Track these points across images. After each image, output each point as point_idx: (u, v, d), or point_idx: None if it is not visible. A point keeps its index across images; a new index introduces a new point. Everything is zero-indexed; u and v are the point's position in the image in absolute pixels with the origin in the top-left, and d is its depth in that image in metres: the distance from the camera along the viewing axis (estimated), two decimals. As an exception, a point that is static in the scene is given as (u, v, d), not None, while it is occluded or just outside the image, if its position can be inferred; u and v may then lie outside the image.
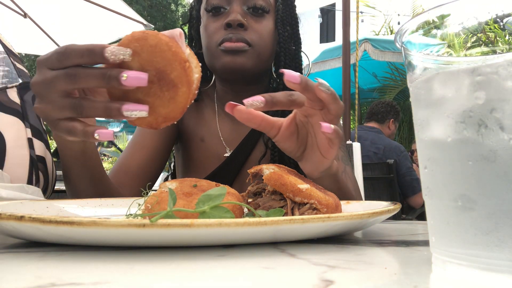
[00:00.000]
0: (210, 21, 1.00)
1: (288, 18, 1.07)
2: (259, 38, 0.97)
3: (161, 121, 0.53)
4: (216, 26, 0.98)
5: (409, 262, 0.38)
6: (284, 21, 1.05)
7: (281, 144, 0.70)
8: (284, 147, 0.70)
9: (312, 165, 0.70)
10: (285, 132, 0.69)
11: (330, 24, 13.89)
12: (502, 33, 0.34)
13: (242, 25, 0.95)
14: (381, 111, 3.37)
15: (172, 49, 0.49)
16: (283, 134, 0.69)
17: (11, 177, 0.76)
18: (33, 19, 3.93)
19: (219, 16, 0.99)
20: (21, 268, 0.34)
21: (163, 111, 0.52)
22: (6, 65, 1.46)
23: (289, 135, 0.69)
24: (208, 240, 0.41)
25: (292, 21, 1.08)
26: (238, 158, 1.05)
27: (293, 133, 0.69)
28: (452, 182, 0.32)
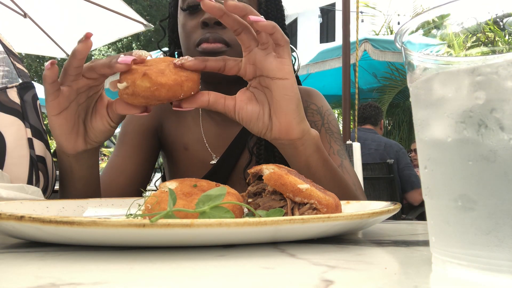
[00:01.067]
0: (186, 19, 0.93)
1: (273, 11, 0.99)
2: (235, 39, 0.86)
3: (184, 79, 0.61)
4: (192, 24, 0.91)
5: (409, 262, 0.38)
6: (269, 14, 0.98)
7: (243, 112, 0.67)
8: (248, 114, 0.67)
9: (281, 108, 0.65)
10: (242, 98, 0.67)
11: (330, 24, 13.89)
12: (501, 33, 0.34)
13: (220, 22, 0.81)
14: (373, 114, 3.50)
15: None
16: (241, 101, 0.67)
17: (11, 177, 0.76)
18: (33, 19, 3.93)
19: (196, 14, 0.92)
20: (21, 268, 0.34)
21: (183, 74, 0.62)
22: (6, 65, 1.47)
23: (247, 100, 0.67)
24: (208, 240, 0.41)
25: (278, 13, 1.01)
26: (226, 165, 0.99)
27: (250, 98, 0.67)
28: (452, 182, 0.32)
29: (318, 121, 1.01)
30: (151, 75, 0.58)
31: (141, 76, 0.58)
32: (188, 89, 0.61)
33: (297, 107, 0.66)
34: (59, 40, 4.34)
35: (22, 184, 0.66)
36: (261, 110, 0.67)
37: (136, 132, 1.02)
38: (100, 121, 0.69)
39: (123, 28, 4.31)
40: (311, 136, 0.70)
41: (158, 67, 0.60)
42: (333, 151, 0.97)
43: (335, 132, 1.01)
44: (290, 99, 0.65)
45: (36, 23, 4.00)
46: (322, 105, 1.04)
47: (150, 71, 0.59)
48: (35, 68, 16.47)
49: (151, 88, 0.58)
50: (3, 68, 1.99)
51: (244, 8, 0.61)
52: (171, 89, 0.59)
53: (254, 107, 0.67)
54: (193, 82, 0.62)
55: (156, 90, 0.58)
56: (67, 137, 0.68)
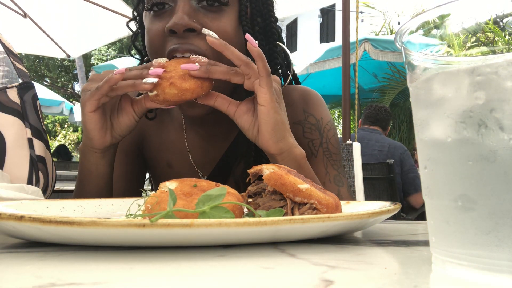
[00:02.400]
0: (152, 22, 0.80)
1: (259, 7, 0.87)
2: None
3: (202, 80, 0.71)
4: (159, 29, 0.78)
5: (409, 262, 0.38)
6: (254, 11, 0.86)
7: (239, 120, 0.75)
8: (242, 121, 0.74)
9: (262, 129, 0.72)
10: (243, 107, 0.75)
11: (330, 24, 13.89)
12: (501, 33, 0.34)
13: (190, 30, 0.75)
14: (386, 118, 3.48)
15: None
16: (241, 109, 0.74)
17: (11, 177, 0.76)
18: (33, 19, 3.93)
19: (163, 16, 0.78)
20: (21, 268, 0.34)
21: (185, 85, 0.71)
22: (6, 65, 1.46)
23: (246, 110, 0.74)
24: (208, 240, 0.41)
25: (264, 9, 0.89)
26: None
27: (250, 109, 0.75)
28: (452, 182, 0.32)
29: (317, 139, 0.93)
30: (177, 83, 0.70)
31: (169, 85, 0.70)
32: (207, 88, 0.72)
33: (273, 130, 0.72)
34: (59, 40, 4.34)
35: (22, 184, 0.66)
36: (253, 122, 0.74)
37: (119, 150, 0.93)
38: (126, 117, 0.77)
39: (123, 28, 4.30)
40: (291, 154, 0.75)
41: (179, 72, 0.71)
42: (329, 178, 0.91)
43: (333, 153, 0.94)
44: (266, 123, 0.71)
45: (36, 23, 4.00)
46: (322, 116, 0.95)
47: (175, 80, 0.70)
48: (35, 68, 16.48)
49: (178, 94, 0.70)
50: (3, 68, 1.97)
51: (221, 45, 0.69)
52: (194, 91, 0.71)
53: (248, 118, 0.74)
54: (209, 81, 0.73)
55: (183, 95, 0.70)
56: (99, 132, 0.75)
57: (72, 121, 9.44)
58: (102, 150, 0.77)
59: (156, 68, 0.71)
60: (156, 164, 0.98)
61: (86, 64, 13.38)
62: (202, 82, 0.71)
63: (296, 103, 0.95)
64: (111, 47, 16.49)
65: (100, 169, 0.79)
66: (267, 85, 0.70)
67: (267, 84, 0.70)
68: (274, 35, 0.89)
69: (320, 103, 0.98)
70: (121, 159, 0.96)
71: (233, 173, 0.93)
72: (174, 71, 0.71)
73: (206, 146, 0.95)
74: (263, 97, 0.70)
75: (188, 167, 0.95)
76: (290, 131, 0.76)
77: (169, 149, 0.96)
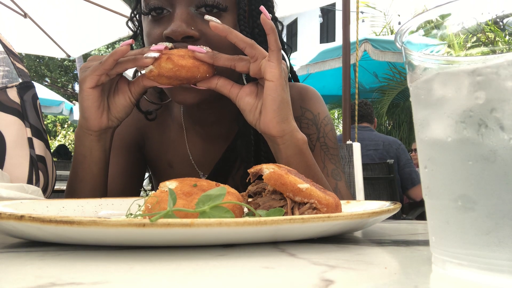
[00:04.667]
0: (151, 26, 0.80)
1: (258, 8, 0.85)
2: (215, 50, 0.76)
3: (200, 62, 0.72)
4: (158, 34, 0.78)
5: (409, 262, 0.38)
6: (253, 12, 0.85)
7: (241, 102, 0.74)
8: (244, 103, 0.74)
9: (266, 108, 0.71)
10: (246, 89, 0.74)
11: (330, 24, 13.89)
12: (502, 33, 0.34)
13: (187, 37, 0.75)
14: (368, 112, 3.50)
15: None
16: (243, 91, 0.74)
17: (11, 177, 0.76)
18: (33, 19, 3.93)
19: (162, 21, 0.78)
20: (21, 268, 0.34)
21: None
22: (6, 65, 1.47)
23: (249, 92, 0.74)
24: (208, 240, 0.41)
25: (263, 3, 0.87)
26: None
27: (252, 91, 0.74)
28: (452, 182, 0.32)
29: (313, 134, 0.94)
30: (173, 59, 0.70)
31: (166, 59, 0.70)
32: (203, 71, 0.72)
33: (278, 108, 0.71)
34: (59, 40, 4.34)
35: (22, 184, 0.66)
36: (255, 104, 0.74)
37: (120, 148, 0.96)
38: (122, 97, 0.77)
39: (123, 28, 4.31)
40: (293, 137, 0.74)
41: (179, 53, 0.72)
42: (327, 172, 0.91)
43: (331, 148, 0.94)
44: (272, 100, 0.71)
45: (36, 23, 4.00)
46: (319, 111, 0.96)
47: (172, 56, 0.71)
48: (35, 68, 16.47)
49: (173, 69, 0.70)
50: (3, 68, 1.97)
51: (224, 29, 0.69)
52: (190, 70, 0.71)
53: (251, 99, 0.74)
54: (208, 66, 0.73)
55: (178, 71, 0.70)
56: (96, 111, 0.75)
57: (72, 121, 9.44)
58: (98, 133, 0.76)
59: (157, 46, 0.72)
60: (157, 164, 0.98)
61: (86, 64, 13.33)
62: (200, 64, 0.72)
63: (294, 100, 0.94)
64: (111, 47, 16.49)
65: (94, 153, 0.78)
66: (277, 60, 0.69)
67: (277, 59, 0.69)
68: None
69: (317, 99, 0.98)
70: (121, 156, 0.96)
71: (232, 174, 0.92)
72: (176, 51, 0.73)
73: (206, 146, 0.95)
74: (273, 71, 0.69)
75: (188, 167, 0.95)
76: (292, 115, 0.75)
77: (169, 150, 0.96)
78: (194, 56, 0.71)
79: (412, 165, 3.26)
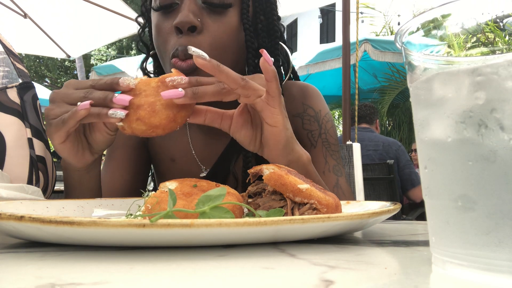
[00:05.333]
0: (160, 20, 0.82)
1: (262, 5, 0.89)
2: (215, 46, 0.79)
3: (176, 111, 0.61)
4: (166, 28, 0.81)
5: (409, 262, 0.38)
6: (257, 9, 0.88)
7: (237, 135, 0.68)
8: (241, 137, 0.68)
9: (271, 146, 0.66)
10: (238, 120, 0.67)
11: (330, 24, 13.90)
12: (501, 33, 0.34)
13: (195, 28, 0.78)
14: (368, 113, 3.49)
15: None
16: (236, 123, 0.67)
17: (11, 177, 0.76)
18: (33, 19, 3.94)
19: (170, 14, 0.81)
20: (21, 268, 0.34)
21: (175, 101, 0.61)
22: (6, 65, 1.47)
23: (242, 123, 0.68)
24: (208, 240, 0.41)
25: (267, 8, 0.90)
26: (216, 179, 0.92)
27: (246, 121, 0.68)
28: (452, 182, 0.32)
29: (315, 130, 0.95)
30: (144, 118, 0.59)
31: (136, 120, 0.59)
32: (182, 120, 0.62)
33: (284, 147, 0.67)
34: (59, 40, 4.34)
35: (22, 184, 0.66)
36: (254, 135, 0.68)
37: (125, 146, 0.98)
38: (99, 134, 0.70)
39: (123, 28, 4.31)
40: (300, 162, 0.71)
41: (149, 100, 0.60)
42: (329, 167, 0.92)
43: (332, 144, 0.96)
44: (277, 142, 0.66)
45: (36, 23, 4.00)
46: (320, 109, 0.98)
47: (142, 113, 0.59)
48: (35, 68, 16.48)
49: (147, 130, 0.60)
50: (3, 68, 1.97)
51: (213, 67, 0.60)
52: (166, 127, 0.60)
53: (247, 132, 0.68)
54: (186, 110, 0.62)
55: (153, 132, 0.60)
56: (76, 155, 0.69)
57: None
58: (84, 168, 0.73)
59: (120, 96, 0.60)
60: (160, 159, 0.99)
61: (86, 64, 13.38)
62: (176, 114, 0.60)
63: (296, 97, 0.97)
64: (111, 47, 16.50)
65: (84, 184, 0.76)
66: (279, 105, 0.64)
67: (279, 105, 0.64)
68: (277, 33, 0.91)
69: (318, 97, 0.99)
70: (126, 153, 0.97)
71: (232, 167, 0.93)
72: (144, 97, 0.60)
73: (208, 141, 0.96)
74: (275, 118, 0.64)
75: (190, 161, 0.96)
76: (296, 139, 0.71)
77: (172, 145, 0.97)
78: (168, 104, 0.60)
79: (412, 166, 3.26)
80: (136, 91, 0.61)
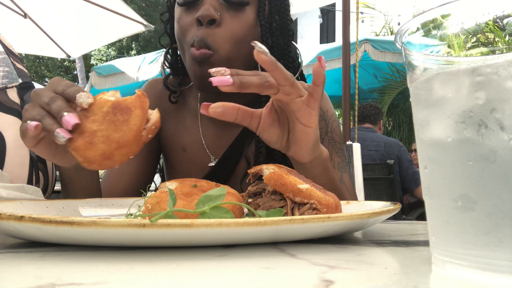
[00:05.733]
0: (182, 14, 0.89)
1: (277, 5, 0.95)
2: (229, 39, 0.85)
3: (114, 147, 0.52)
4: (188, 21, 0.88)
5: (409, 262, 0.38)
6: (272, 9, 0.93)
7: (264, 134, 0.69)
8: (268, 136, 0.70)
9: (300, 145, 0.69)
10: (267, 120, 0.69)
11: (330, 24, 13.90)
12: (501, 33, 0.34)
13: (214, 21, 0.84)
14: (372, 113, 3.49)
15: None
16: (264, 122, 0.69)
17: (11, 177, 0.76)
18: (33, 19, 3.93)
19: (193, 9, 0.88)
20: (21, 268, 0.34)
21: (116, 135, 0.52)
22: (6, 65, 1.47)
23: (271, 123, 0.69)
24: (208, 240, 0.41)
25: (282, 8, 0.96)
26: (224, 168, 0.96)
27: (274, 120, 0.69)
28: (452, 182, 0.32)
29: (322, 128, 0.98)
30: (79, 150, 0.52)
31: (72, 149, 0.53)
32: (121, 158, 0.53)
33: (313, 145, 0.70)
34: (59, 40, 4.34)
35: (22, 184, 0.66)
36: (281, 134, 0.70)
37: None
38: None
39: (123, 28, 4.32)
40: (321, 159, 0.73)
41: (92, 128, 0.52)
42: (334, 164, 0.95)
43: (337, 142, 0.99)
44: (308, 141, 0.68)
45: (36, 23, 4.00)
46: (327, 109, 1.02)
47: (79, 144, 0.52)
48: (35, 68, 16.48)
49: (83, 163, 0.53)
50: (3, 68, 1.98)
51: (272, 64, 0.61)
52: (102, 164, 0.52)
53: (275, 130, 0.70)
54: (129, 147, 0.53)
55: (90, 166, 0.53)
56: (54, 157, 0.64)
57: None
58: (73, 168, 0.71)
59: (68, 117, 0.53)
60: (171, 148, 1.03)
61: (86, 64, 13.37)
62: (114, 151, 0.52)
63: None
64: (111, 47, 16.49)
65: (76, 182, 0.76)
66: (317, 108, 0.67)
67: (317, 107, 0.67)
68: (290, 32, 0.97)
69: (325, 98, 1.03)
70: None
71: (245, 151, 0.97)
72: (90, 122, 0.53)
73: (218, 132, 1.00)
74: (312, 118, 0.67)
75: (200, 151, 1.00)
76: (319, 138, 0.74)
77: (184, 134, 1.01)
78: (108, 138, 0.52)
79: (414, 167, 3.28)
80: (88, 112, 0.54)
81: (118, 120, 0.52)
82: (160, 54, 5.64)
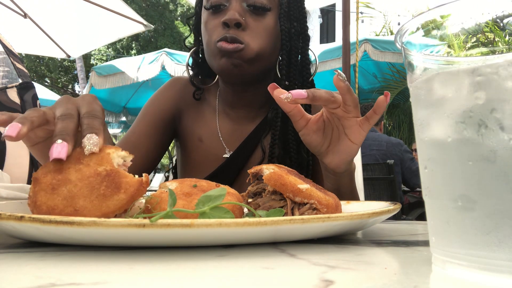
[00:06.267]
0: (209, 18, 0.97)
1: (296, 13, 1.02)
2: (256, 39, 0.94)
3: (68, 211, 0.43)
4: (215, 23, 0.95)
5: (409, 262, 0.38)
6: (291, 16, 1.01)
7: (307, 138, 0.76)
8: (310, 140, 0.76)
9: (340, 156, 0.75)
10: (313, 126, 0.75)
11: (330, 24, 13.89)
12: (501, 33, 0.34)
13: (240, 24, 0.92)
14: None
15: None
16: (310, 127, 0.75)
17: (11, 177, 0.76)
18: (33, 19, 3.94)
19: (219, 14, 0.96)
20: (21, 268, 0.34)
21: (82, 203, 0.43)
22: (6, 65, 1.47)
23: (316, 130, 0.75)
24: (208, 240, 0.41)
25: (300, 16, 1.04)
26: (238, 160, 1.02)
27: (320, 129, 0.76)
28: (452, 182, 0.32)
29: None
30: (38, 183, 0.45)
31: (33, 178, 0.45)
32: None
33: (351, 159, 0.76)
34: (59, 40, 4.34)
35: (22, 184, 0.66)
36: (322, 142, 0.76)
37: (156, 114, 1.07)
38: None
39: (123, 28, 4.32)
40: (350, 170, 0.79)
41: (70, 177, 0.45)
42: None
43: None
44: (350, 155, 0.75)
45: (36, 23, 4.00)
46: None
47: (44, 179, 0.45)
48: (35, 68, 16.49)
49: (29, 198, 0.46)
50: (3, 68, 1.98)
51: (346, 88, 0.68)
52: (39, 212, 0.44)
53: (318, 138, 0.76)
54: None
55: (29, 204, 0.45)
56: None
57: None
58: None
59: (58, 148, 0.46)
60: (189, 138, 1.09)
61: (86, 64, 13.37)
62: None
63: None
64: (111, 47, 16.49)
65: None
66: (367, 129, 0.74)
67: (367, 128, 0.74)
68: (307, 37, 1.05)
69: None
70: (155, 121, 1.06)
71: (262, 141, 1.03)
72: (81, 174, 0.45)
73: (234, 126, 1.07)
74: (360, 137, 0.73)
75: (216, 142, 1.06)
76: None
77: (202, 126, 1.08)
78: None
79: (417, 163, 3.29)
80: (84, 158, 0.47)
81: (98, 190, 0.44)
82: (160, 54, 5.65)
